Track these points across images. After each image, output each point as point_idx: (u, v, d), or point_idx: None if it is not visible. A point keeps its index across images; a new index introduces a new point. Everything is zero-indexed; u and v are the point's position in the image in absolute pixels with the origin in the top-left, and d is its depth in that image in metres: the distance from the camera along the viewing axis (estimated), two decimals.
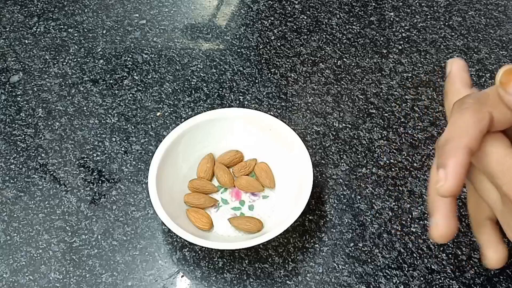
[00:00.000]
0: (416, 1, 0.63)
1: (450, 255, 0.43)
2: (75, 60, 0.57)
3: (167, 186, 0.44)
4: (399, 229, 0.45)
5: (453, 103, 0.31)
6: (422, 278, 0.42)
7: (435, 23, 0.61)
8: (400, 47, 0.58)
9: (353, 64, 0.57)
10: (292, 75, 0.56)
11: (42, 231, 0.45)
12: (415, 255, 0.44)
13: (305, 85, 0.55)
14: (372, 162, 0.49)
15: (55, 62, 0.57)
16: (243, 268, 0.43)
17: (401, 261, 0.43)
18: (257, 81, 0.55)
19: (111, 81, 0.56)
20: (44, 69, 0.57)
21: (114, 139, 0.51)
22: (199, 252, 0.44)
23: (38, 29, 0.60)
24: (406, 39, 0.59)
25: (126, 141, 0.51)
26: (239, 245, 0.40)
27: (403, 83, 0.55)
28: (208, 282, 0.43)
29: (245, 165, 0.47)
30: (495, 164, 0.29)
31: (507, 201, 0.29)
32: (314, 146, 0.50)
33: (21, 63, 0.57)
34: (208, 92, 0.54)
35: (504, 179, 0.28)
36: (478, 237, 0.34)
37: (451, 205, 0.31)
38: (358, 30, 0.60)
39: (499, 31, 0.60)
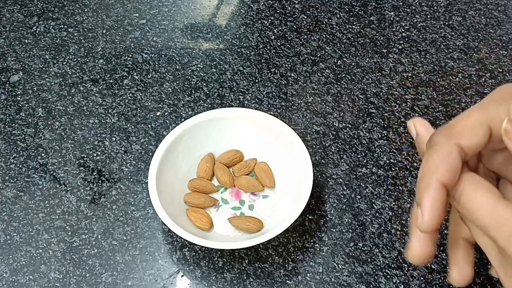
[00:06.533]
0: (416, 1, 0.63)
1: None
2: (75, 59, 0.57)
3: (167, 186, 0.44)
4: (399, 229, 0.45)
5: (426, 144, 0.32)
6: (422, 278, 0.42)
7: (435, 23, 0.61)
8: (400, 47, 0.58)
9: (353, 64, 0.57)
10: (292, 74, 0.56)
11: (42, 230, 0.45)
12: None
13: (305, 84, 0.55)
14: (372, 162, 0.49)
15: (55, 62, 0.57)
16: (243, 268, 0.43)
17: (401, 260, 0.43)
18: (257, 81, 0.55)
19: (111, 81, 0.56)
20: (44, 68, 0.57)
21: (114, 139, 0.51)
22: (199, 251, 0.44)
23: (38, 29, 0.60)
24: (406, 39, 0.59)
25: (126, 141, 0.51)
26: (239, 245, 0.40)
27: (403, 83, 0.55)
28: (208, 281, 0.43)
29: (245, 165, 0.47)
30: (487, 218, 0.29)
31: (505, 254, 0.28)
32: (314, 146, 0.50)
33: (21, 63, 0.57)
34: (208, 92, 0.54)
35: (498, 233, 0.28)
36: (449, 253, 0.34)
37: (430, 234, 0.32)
38: (358, 30, 0.60)
39: (499, 30, 0.60)
